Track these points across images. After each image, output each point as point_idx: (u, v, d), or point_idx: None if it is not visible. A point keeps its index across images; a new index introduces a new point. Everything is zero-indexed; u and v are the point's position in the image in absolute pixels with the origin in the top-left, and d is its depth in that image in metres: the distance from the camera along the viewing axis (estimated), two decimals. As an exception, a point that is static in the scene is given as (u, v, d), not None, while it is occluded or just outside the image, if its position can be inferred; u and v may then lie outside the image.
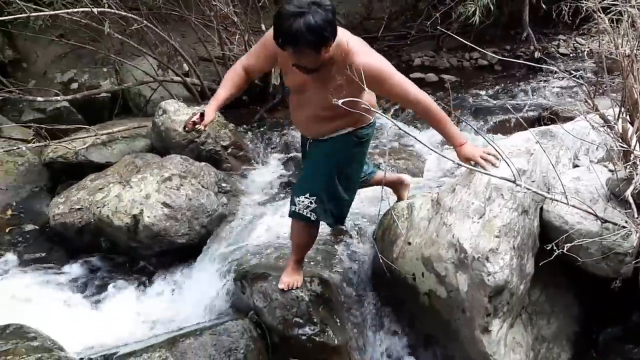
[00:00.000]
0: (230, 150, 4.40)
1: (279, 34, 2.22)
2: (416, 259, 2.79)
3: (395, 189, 3.32)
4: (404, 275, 2.87)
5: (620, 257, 2.51)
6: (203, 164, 4.00)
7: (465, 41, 2.16)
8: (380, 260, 2.78)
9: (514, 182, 2.28)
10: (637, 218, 2.37)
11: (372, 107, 2.57)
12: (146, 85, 5.08)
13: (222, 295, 3.12)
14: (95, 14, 3.98)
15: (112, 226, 3.62)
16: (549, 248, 2.34)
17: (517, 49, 6.29)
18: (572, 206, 2.41)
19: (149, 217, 3.56)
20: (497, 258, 2.48)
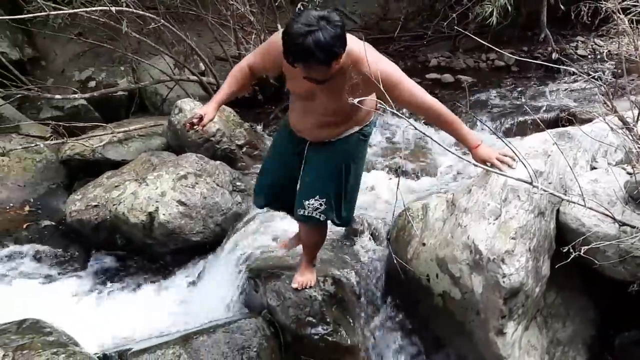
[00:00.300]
0: (245, 149, 4.42)
1: (288, 52, 2.19)
2: (430, 260, 2.77)
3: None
4: (418, 276, 2.86)
5: (638, 261, 2.48)
6: (218, 162, 4.02)
7: (482, 41, 2.14)
8: (395, 261, 2.77)
9: (530, 184, 2.26)
10: (656, 221, 2.35)
11: (373, 108, 2.56)
12: (163, 84, 5.11)
13: (235, 294, 3.13)
14: (114, 12, 4.01)
15: (127, 223, 3.65)
16: (565, 250, 2.31)
17: (535, 50, 6.23)
18: (590, 208, 2.38)
19: (164, 214, 3.59)
20: (512, 260, 2.46)
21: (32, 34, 5.51)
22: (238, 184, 3.96)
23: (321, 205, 2.67)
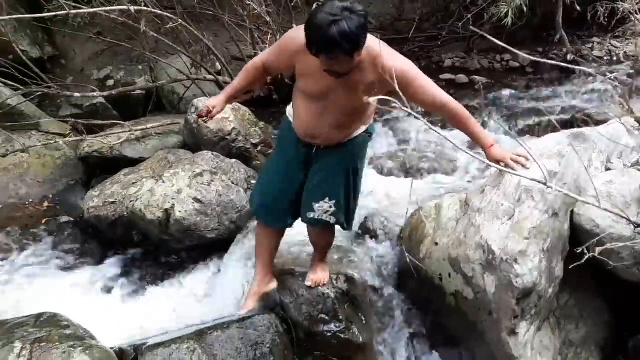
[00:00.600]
0: (260, 147, 4.45)
1: (312, 42, 2.17)
2: (443, 259, 2.78)
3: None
4: (430, 276, 2.87)
5: (652, 263, 2.48)
6: (233, 160, 4.05)
7: (497, 42, 2.14)
8: (407, 260, 2.79)
9: (545, 184, 2.27)
10: (671, 223, 2.34)
11: (374, 107, 2.57)
12: (180, 83, 5.15)
13: (250, 281, 3.15)
14: (132, 12, 4.05)
15: (144, 220, 3.69)
16: (579, 252, 2.31)
17: (550, 51, 6.20)
18: (604, 209, 2.38)
19: (180, 211, 3.63)
20: (526, 260, 2.46)
21: (52, 32, 5.58)
22: (253, 182, 3.99)
23: (331, 207, 2.67)
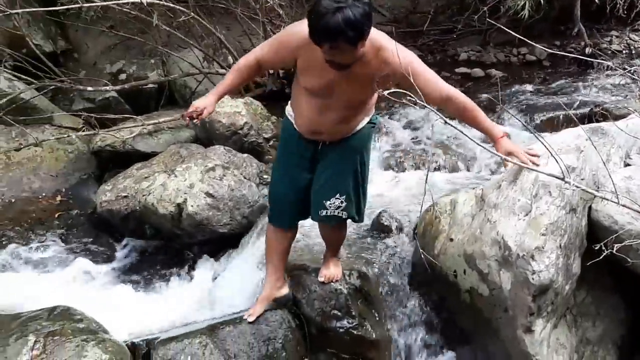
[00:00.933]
0: (272, 142, 4.43)
1: (316, 30, 2.11)
2: (458, 255, 2.75)
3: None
4: (445, 272, 2.84)
5: (672, 260, 2.42)
6: (245, 155, 4.04)
7: (515, 34, 2.10)
8: (422, 256, 2.75)
9: (562, 179, 2.22)
10: (693, 220, 2.29)
11: (376, 97, 2.51)
12: (192, 77, 5.14)
13: (261, 285, 3.14)
14: (145, 5, 4.05)
15: (156, 214, 3.69)
16: (597, 248, 2.26)
17: (567, 44, 6.12)
18: (623, 206, 2.32)
19: (192, 206, 3.62)
20: (542, 256, 2.42)
21: (65, 26, 5.59)
22: (265, 176, 3.98)
23: (342, 202, 2.63)
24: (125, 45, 5.65)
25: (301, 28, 2.24)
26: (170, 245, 3.84)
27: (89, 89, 4.74)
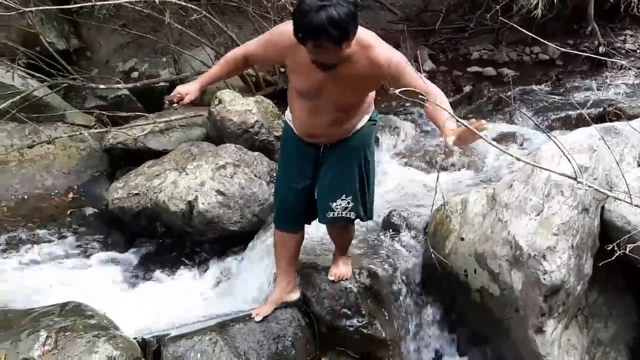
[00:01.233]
0: (283, 140, 4.43)
1: (299, 28, 2.09)
2: (469, 255, 2.74)
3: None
4: (455, 271, 2.83)
5: (686, 261, 2.39)
6: (256, 153, 4.04)
7: (528, 32, 2.09)
8: (432, 256, 2.74)
9: (575, 179, 2.20)
10: None
11: (373, 96, 2.51)
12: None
13: (271, 283, 3.15)
14: (157, 3, 4.06)
15: (167, 211, 3.71)
16: (609, 249, 2.24)
17: (581, 43, 6.07)
18: (636, 206, 2.30)
19: (203, 203, 3.63)
20: (554, 256, 2.41)
21: (78, 25, 5.63)
22: (275, 175, 3.98)
23: (349, 203, 2.62)
24: (138, 43, 5.68)
25: (289, 28, 2.21)
26: (181, 242, 3.85)
27: (102, 86, 4.76)
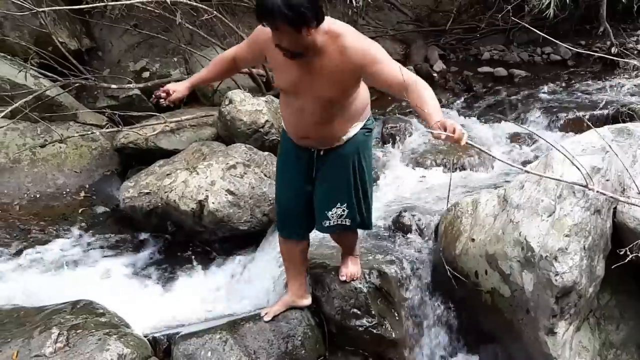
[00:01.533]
0: (293, 140, 4.43)
1: (256, 8, 2.12)
2: (480, 256, 2.73)
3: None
4: (466, 272, 2.82)
5: (700, 264, 2.37)
6: (266, 153, 4.05)
7: (540, 32, 2.07)
8: (441, 256, 2.74)
9: (586, 187, 2.17)
10: None
11: (366, 103, 2.51)
12: (214, 75, 5.17)
13: (281, 282, 3.15)
14: (168, 4, 4.08)
15: (178, 210, 3.72)
16: (622, 252, 2.23)
17: (593, 44, 6.03)
18: (649, 208, 2.29)
19: (213, 203, 3.64)
20: (566, 258, 2.39)
21: (90, 25, 5.66)
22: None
23: (344, 211, 2.61)
24: (149, 43, 5.70)
25: None
26: (192, 241, 3.87)
27: (113, 86, 4.79)
